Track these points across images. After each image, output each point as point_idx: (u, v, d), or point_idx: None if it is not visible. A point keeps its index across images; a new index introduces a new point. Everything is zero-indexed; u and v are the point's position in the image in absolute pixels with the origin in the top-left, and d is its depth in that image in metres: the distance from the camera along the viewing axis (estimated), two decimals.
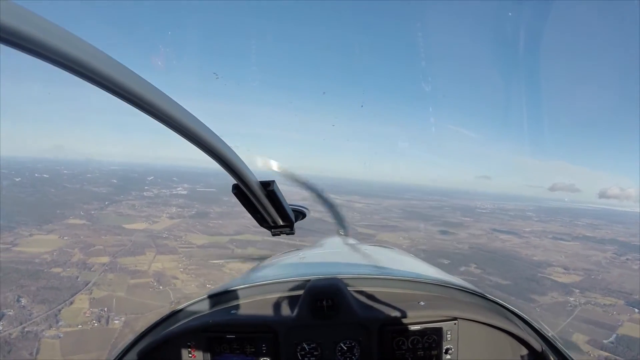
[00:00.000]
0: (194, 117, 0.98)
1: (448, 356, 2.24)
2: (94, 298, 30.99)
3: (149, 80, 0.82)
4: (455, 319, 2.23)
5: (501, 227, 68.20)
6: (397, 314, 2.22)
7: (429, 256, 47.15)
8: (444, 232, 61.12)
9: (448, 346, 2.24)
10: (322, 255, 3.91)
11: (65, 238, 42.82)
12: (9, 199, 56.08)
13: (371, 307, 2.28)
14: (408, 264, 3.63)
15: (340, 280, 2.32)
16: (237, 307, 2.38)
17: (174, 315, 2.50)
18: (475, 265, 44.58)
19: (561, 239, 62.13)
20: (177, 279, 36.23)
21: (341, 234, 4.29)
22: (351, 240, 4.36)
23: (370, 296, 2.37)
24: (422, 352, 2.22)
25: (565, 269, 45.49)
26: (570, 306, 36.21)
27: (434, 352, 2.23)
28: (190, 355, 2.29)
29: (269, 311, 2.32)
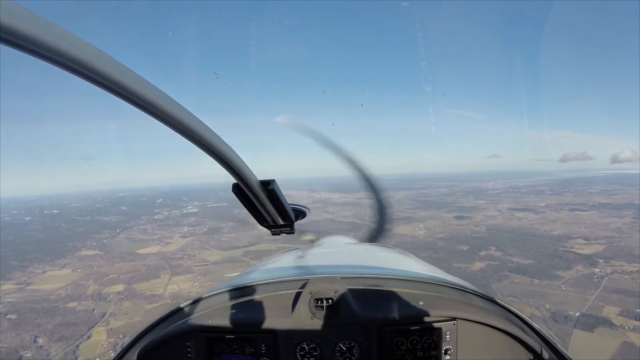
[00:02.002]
0: (193, 115, 1.00)
1: (447, 357, 2.22)
2: (111, 329, 31.07)
3: (148, 81, 0.84)
4: (454, 319, 2.23)
5: (516, 205, 67.86)
6: (396, 314, 2.24)
7: (448, 244, 46.80)
8: (459, 218, 60.93)
9: (447, 346, 2.22)
10: (321, 255, 3.89)
11: (78, 271, 43.13)
12: (20, 238, 56.70)
13: (370, 307, 2.29)
14: (408, 264, 3.60)
15: (339, 279, 2.34)
16: (236, 307, 2.39)
17: (172, 315, 2.49)
18: (495, 248, 44.10)
19: (578, 210, 61.78)
20: None
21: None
22: (351, 240, 4.53)
23: (369, 296, 2.36)
24: (421, 353, 2.23)
25: (586, 240, 44.96)
26: (597, 277, 35.71)
27: (433, 353, 2.23)
28: (189, 355, 2.30)
29: (268, 311, 2.32)
